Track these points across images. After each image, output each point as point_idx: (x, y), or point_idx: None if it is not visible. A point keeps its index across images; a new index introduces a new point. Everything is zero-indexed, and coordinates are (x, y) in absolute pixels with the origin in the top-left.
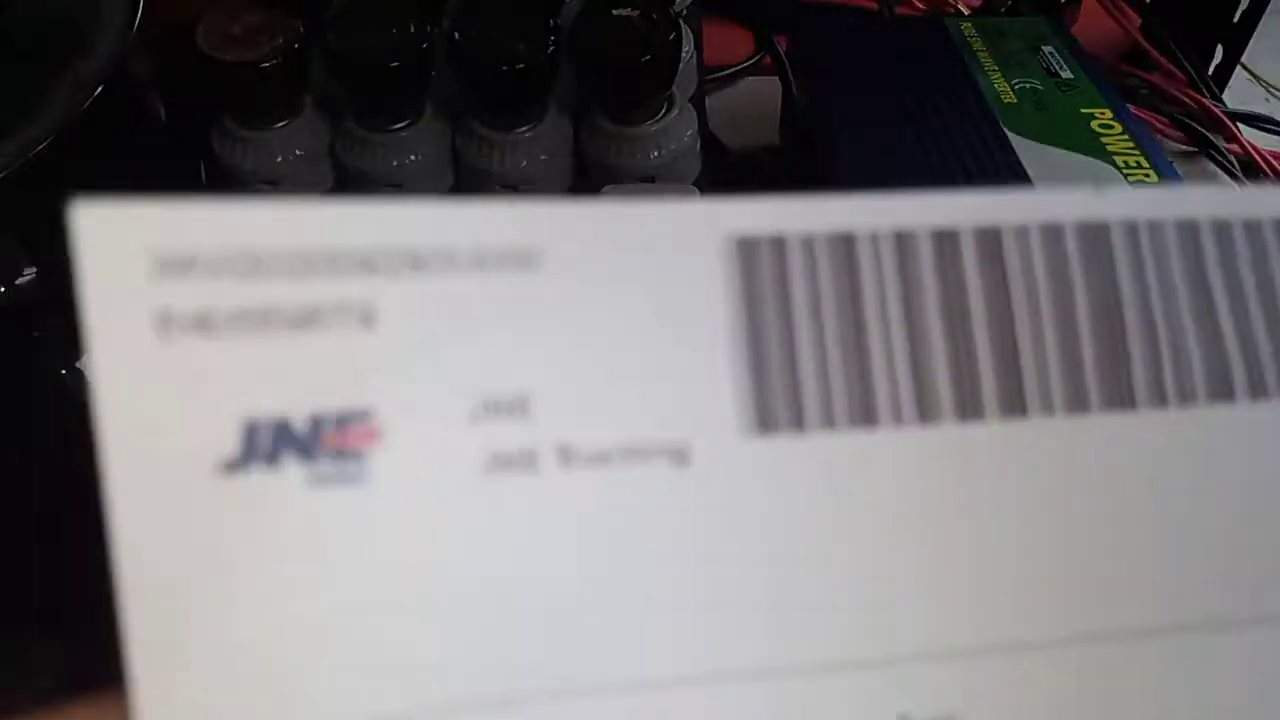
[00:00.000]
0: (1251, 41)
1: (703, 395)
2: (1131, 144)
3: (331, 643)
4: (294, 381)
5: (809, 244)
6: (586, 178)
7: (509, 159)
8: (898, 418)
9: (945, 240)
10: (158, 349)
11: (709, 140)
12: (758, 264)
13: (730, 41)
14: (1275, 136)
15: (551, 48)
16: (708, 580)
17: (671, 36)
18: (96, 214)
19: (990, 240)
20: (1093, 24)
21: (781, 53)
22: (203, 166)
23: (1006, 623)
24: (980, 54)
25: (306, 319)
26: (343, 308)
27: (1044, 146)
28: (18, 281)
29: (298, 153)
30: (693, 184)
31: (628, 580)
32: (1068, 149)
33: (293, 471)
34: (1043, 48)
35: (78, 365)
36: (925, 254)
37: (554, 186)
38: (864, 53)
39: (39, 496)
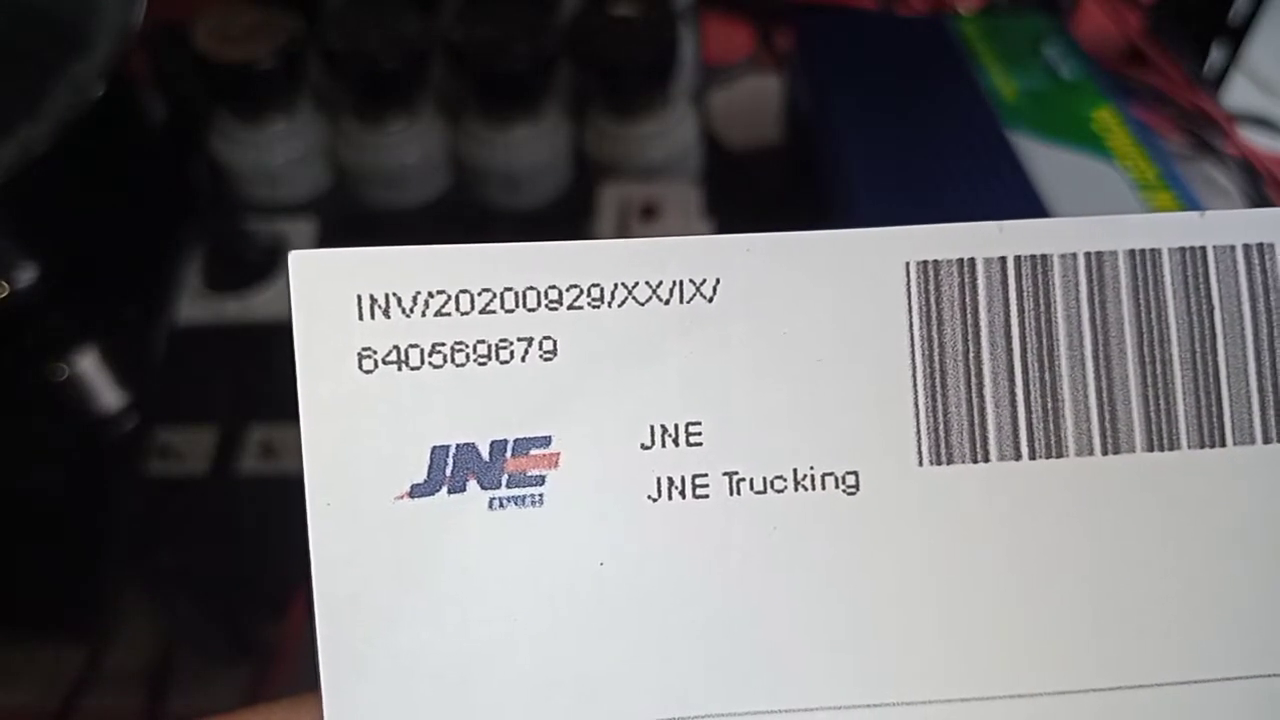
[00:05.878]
0: (1250, 42)
1: (878, 425)
2: (1134, 143)
3: (502, 655)
4: (480, 411)
5: (1001, 265)
6: (586, 176)
7: (508, 158)
8: (1087, 449)
9: (1144, 260)
10: (359, 382)
11: (709, 139)
12: (944, 287)
13: (730, 40)
14: (1274, 138)
15: (550, 47)
16: (869, 607)
17: (671, 35)
18: (308, 260)
19: (1195, 261)
20: (1091, 24)
21: (783, 52)
22: (201, 166)
23: (1197, 658)
24: (981, 53)
25: (493, 353)
26: (527, 342)
27: (1045, 145)
28: (18, 282)
29: (296, 152)
30: (692, 183)
31: (788, 604)
32: (1069, 147)
33: (476, 494)
34: (1044, 46)
35: (78, 365)
36: (1123, 275)
37: (553, 185)
38: (865, 52)
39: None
